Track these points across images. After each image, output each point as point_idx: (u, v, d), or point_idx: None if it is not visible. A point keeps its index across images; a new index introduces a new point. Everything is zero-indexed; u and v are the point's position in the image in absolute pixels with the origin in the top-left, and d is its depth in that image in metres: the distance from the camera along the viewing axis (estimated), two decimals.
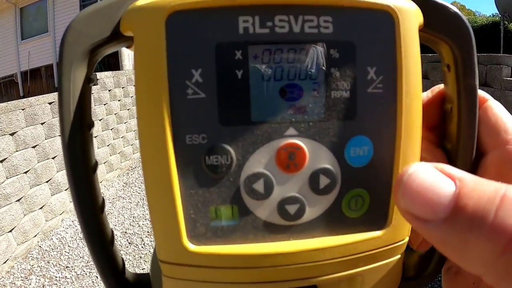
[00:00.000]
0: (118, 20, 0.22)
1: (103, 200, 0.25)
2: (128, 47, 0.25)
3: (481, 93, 0.27)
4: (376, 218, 0.24)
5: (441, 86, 0.29)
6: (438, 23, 0.24)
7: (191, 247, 0.22)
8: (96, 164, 0.25)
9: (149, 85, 0.21)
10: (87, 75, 0.23)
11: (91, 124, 0.24)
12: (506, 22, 6.56)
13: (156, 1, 0.21)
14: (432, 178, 0.18)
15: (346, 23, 0.22)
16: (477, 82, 0.25)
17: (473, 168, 0.26)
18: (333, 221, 0.23)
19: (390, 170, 0.23)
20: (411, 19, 0.23)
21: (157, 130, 0.21)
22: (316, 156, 0.22)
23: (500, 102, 0.27)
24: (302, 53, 0.22)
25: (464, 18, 0.25)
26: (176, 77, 0.21)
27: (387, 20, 0.22)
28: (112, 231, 0.26)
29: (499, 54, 4.23)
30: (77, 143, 0.23)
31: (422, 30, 0.24)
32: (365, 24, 0.22)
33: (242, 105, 0.22)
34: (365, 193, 0.23)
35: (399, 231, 0.24)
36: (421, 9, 0.24)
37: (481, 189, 0.17)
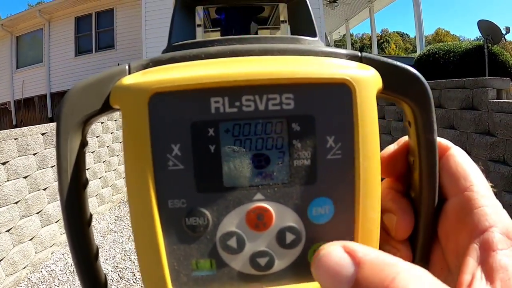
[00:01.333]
0: (108, 94, 0.25)
1: (97, 248, 0.28)
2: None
3: (443, 141, 0.29)
4: None
5: (406, 138, 0.31)
6: (397, 85, 0.27)
7: None
8: (90, 218, 0.27)
9: (136, 155, 0.24)
10: (81, 142, 0.26)
11: (86, 183, 0.27)
12: (490, 45, 6.79)
13: (139, 83, 0.24)
14: (338, 260, 0.22)
15: (306, 98, 0.24)
16: (435, 137, 0.27)
17: (436, 213, 0.28)
18: (300, 270, 0.25)
19: (351, 225, 0.25)
20: (368, 87, 0.25)
21: (143, 195, 0.24)
22: (282, 216, 0.25)
23: (488, 124, 0.29)
24: (267, 127, 0.25)
25: (423, 79, 0.27)
26: (158, 150, 0.24)
27: (344, 91, 0.24)
28: (97, 247, 0.28)
29: (484, 78, 4.36)
30: (74, 201, 0.26)
31: (383, 92, 0.27)
32: (324, 97, 0.25)
33: (215, 175, 0.24)
34: None
35: None
36: (381, 73, 0.26)
37: (376, 270, 0.20)
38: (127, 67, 0.26)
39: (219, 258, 0.25)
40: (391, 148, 0.32)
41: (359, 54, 0.27)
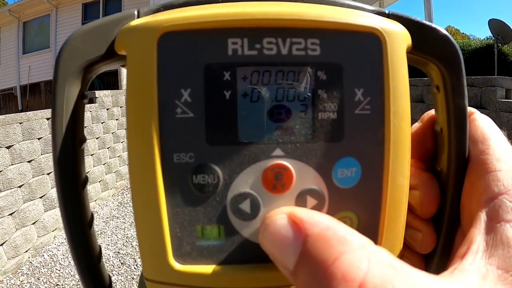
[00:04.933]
0: (113, 39, 0.23)
1: (92, 215, 0.25)
2: (123, 66, 0.25)
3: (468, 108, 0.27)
4: None
5: (430, 113, 0.29)
6: (427, 45, 0.25)
7: (177, 265, 0.22)
8: (86, 179, 0.25)
9: (139, 102, 0.21)
10: (81, 91, 0.23)
11: (83, 140, 0.24)
12: (500, 45, 6.69)
13: (149, 22, 0.22)
14: (282, 232, 0.19)
15: (333, 46, 0.22)
16: (466, 102, 0.25)
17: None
18: None
19: (378, 192, 0.23)
20: (398, 42, 0.23)
21: (146, 147, 0.21)
22: (303, 177, 0.22)
23: (495, 124, 0.27)
24: (289, 75, 0.22)
25: (453, 39, 0.25)
26: (165, 96, 0.21)
27: (375, 42, 0.22)
28: (100, 248, 0.26)
29: (494, 76, 4.30)
30: (68, 157, 0.23)
31: (411, 52, 0.24)
32: (352, 46, 0.22)
33: (229, 125, 0.22)
34: (353, 215, 0.23)
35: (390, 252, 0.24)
36: (409, 31, 0.24)
37: (322, 246, 0.18)
38: (136, 11, 0.23)
39: (228, 225, 0.22)
40: (415, 126, 0.29)
41: (386, 11, 0.25)
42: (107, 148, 4.63)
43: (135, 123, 0.22)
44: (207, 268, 0.22)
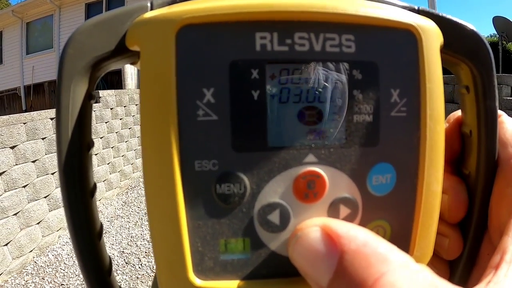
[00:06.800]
0: (124, 33, 0.21)
1: (101, 226, 0.23)
2: (133, 63, 0.23)
3: None
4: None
5: (457, 113, 0.28)
6: (457, 43, 0.23)
7: (198, 282, 0.20)
8: (94, 187, 0.23)
9: (156, 104, 0.19)
10: (88, 91, 0.21)
11: (91, 144, 0.22)
12: (504, 42, 6.64)
13: (166, 13, 0.20)
14: (316, 246, 0.18)
15: (368, 42, 0.21)
16: (497, 104, 0.24)
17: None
18: None
19: (412, 199, 0.21)
20: (433, 39, 0.21)
21: (163, 154, 0.19)
22: (336, 184, 0.21)
23: None
24: (322, 74, 0.20)
25: (482, 36, 0.24)
26: (186, 96, 0.19)
27: (410, 39, 0.21)
28: (110, 259, 0.24)
29: (499, 74, 4.27)
30: (75, 164, 0.21)
31: (442, 50, 0.23)
32: (388, 43, 0.21)
33: (258, 129, 0.20)
34: (386, 224, 0.22)
35: (420, 261, 0.22)
36: (440, 28, 0.23)
37: (361, 264, 0.16)
38: (149, 3, 0.21)
39: (255, 237, 0.20)
40: None
41: (416, 6, 0.23)
42: (111, 147, 4.63)
43: (151, 127, 0.19)
44: (231, 284, 0.20)
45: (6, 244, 2.76)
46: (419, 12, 0.23)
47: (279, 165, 0.20)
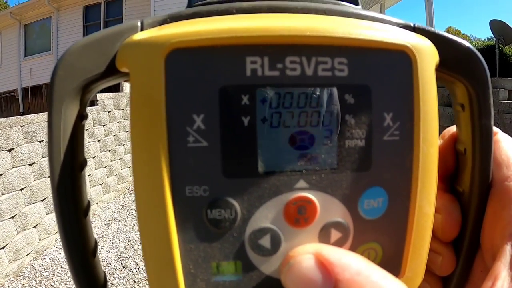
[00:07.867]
0: (114, 54, 0.20)
1: (96, 243, 0.24)
2: (126, 81, 0.23)
3: None
4: (389, 270, 0.22)
5: (451, 130, 0.28)
6: (453, 61, 0.23)
7: None
8: (88, 206, 0.23)
9: (146, 130, 0.19)
10: (79, 112, 0.21)
11: (84, 163, 0.22)
12: (501, 45, 6.68)
13: (155, 36, 0.19)
14: (309, 275, 0.18)
15: (362, 65, 0.20)
16: (492, 123, 0.24)
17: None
18: None
19: (404, 221, 0.21)
20: (428, 59, 0.21)
21: (155, 180, 0.19)
22: (327, 209, 0.21)
23: (498, 125, 0.26)
24: (314, 98, 0.20)
25: (478, 53, 0.24)
26: (175, 122, 0.19)
27: (404, 61, 0.21)
28: (105, 275, 0.24)
29: (496, 78, 4.29)
30: (68, 185, 0.21)
31: (438, 69, 0.23)
32: (381, 65, 0.21)
33: (248, 155, 0.20)
34: (378, 246, 0.22)
35: (413, 282, 0.22)
36: (435, 46, 0.22)
37: None
38: (139, 23, 0.21)
39: (246, 260, 0.20)
40: None
41: (412, 24, 0.23)
42: (109, 150, 4.63)
43: (141, 153, 0.19)
44: None
45: (2, 248, 2.75)
46: (414, 29, 0.23)
47: (270, 191, 0.20)
